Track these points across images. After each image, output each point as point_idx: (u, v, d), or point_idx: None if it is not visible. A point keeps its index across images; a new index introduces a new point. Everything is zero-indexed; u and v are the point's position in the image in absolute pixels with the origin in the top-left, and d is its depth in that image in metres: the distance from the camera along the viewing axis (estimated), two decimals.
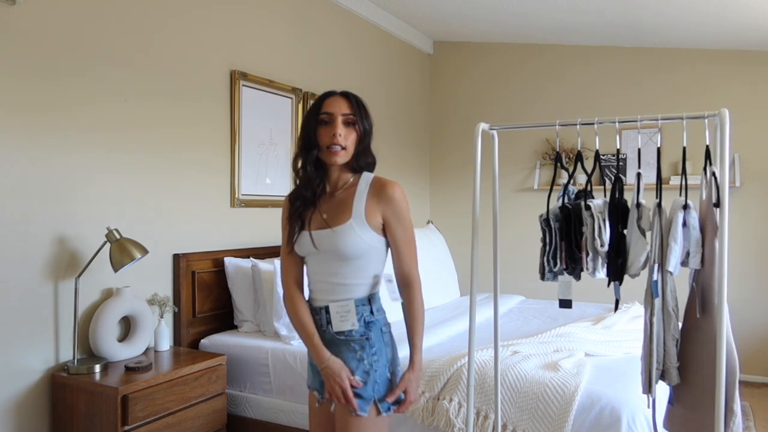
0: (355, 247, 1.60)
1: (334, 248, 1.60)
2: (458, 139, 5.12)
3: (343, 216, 1.61)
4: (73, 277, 2.41)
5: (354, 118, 1.63)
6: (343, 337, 1.64)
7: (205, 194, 3.07)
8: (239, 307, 3.08)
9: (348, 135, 1.62)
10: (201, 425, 2.49)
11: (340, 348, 1.64)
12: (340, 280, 1.63)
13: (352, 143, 1.64)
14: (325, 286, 1.65)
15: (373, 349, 1.64)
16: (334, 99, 1.65)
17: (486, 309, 3.54)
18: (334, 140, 1.60)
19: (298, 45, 3.72)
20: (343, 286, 1.63)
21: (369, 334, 1.65)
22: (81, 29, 2.46)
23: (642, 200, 1.80)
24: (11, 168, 2.24)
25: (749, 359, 4.08)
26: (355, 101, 1.66)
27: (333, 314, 1.63)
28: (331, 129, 1.61)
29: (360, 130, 1.64)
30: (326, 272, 1.64)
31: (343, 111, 1.63)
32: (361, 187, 1.65)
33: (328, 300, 1.64)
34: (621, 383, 2.24)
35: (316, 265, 1.66)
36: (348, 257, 1.60)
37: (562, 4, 3.78)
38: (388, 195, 1.62)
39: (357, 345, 1.64)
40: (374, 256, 1.65)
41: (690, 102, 4.22)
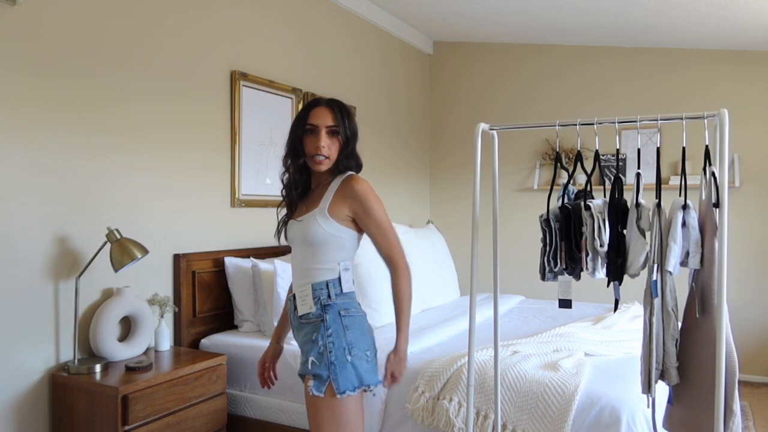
0: (316, 234, 1.74)
1: (300, 236, 1.77)
2: (458, 139, 5.13)
3: (311, 208, 1.78)
4: (73, 277, 2.42)
5: (337, 128, 1.76)
6: (304, 320, 1.77)
7: (205, 194, 3.07)
8: (239, 307, 3.08)
9: (331, 145, 1.76)
10: (201, 425, 2.49)
11: (302, 331, 1.79)
12: (303, 265, 1.78)
13: (335, 151, 1.78)
14: (296, 273, 1.81)
15: (329, 330, 1.72)
16: (319, 110, 1.77)
17: (486, 309, 3.54)
18: (318, 151, 1.74)
19: (298, 45, 3.72)
20: (305, 271, 1.78)
21: (324, 316, 1.74)
22: (81, 29, 2.46)
23: (641, 200, 1.80)
24: (11, 168, 2.24)
25: (749, 359, 4.08)
26: (339, 110, 1.77)
27: (297, 299, 1.78)
28: (316, 140, 1.74)
29: (343, 138, 1.77)
30: (298, 260, 1.80)
31: (327, 123, 1.75)
32: (334, 184, 1.80)
33: (296, 286, 1.80)
34: (621, 383, 2.24)
35: (293, 255, 1.84)
36: (310, 244, 1.75)
37: (562, 4, 3.78)
38: (352, 189, 1.76)
39: (312, 327, 1.75)
40: (334, 244, 1.76)
41: (690, 102, 4.23)
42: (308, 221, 1.76)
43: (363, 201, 1.75)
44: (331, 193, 1.78)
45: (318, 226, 1.74)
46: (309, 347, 1.74)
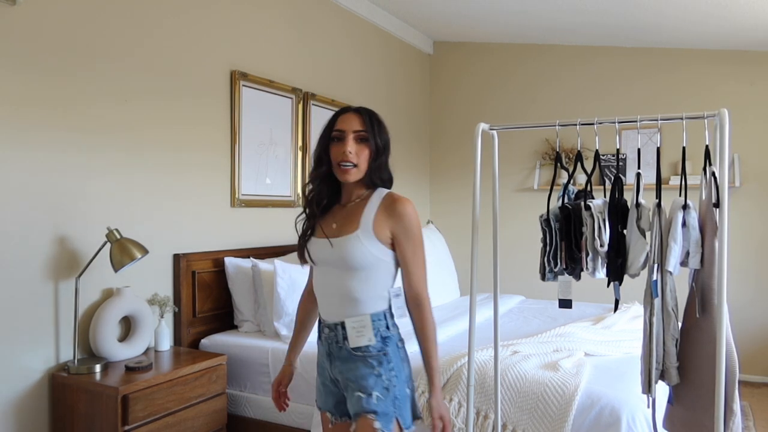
0: (362, 257, 1.57)
1: (340, 257, 1.58)
2: (458, 139, 5.12)
3: (350, 226, 1.60)
4: (73, 277, 2.41)
5: (366, 135, 1.61)
6: (359, 353, 1.60)
7: (205, 194, 3.07)
8: (239, 307, 3.08)
9: (360, 152, 1.60)
10: (201, 425, 2.49)
11: (357, 364, 1.60)
12: (352, 293, 1.60)
13: (365, 160, 1.61)
14: (337, 300, 1.62)
15: (391, 364, 1.60)
16: (347, 116, 1.63)
17: (486, 309, 3.54)
18: (344, 158, 1.58)
19: (298, 45, 3.72)
20: (356, 301, 1.60)
21: (386, 349, 1.61)
22: (81, 30, 2.46)
23: (642, 200, 1.80)
24: (11, 167, 2.24)
25: (749, 359, 4.08)
26: (369, 117, 1.63)
27: (349, 330, 1.60)
28: (342, 146, 1.60)
29: (372, 147, 1.61)
30: (336, 285, 1.62)
31: (354, 128, 1.60)
32: (373, 200, 1.63)
33: (342, 315, 1.61)
34: (621, 383, 2.24)
35: (324, 278, 1.65)
36: (354, 268, 1.58)
37: (562, 4, 3.78)
38: (398, 211, 1.60)
39: (374, 361, 1.60)
40: (383, 269, 1.61)
41: (690, 102, 4.22)
42: (349, 242, 1.58)
43: (407, 225, 1.61)
44: (371, 210, 1.61)
45: (363, 248, 1.57)
46: (371, 382, 1.57)
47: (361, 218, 1.60)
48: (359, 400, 1.56)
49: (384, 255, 1.61)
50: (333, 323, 1.63)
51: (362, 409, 1.55)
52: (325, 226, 1.66)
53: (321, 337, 1.70)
